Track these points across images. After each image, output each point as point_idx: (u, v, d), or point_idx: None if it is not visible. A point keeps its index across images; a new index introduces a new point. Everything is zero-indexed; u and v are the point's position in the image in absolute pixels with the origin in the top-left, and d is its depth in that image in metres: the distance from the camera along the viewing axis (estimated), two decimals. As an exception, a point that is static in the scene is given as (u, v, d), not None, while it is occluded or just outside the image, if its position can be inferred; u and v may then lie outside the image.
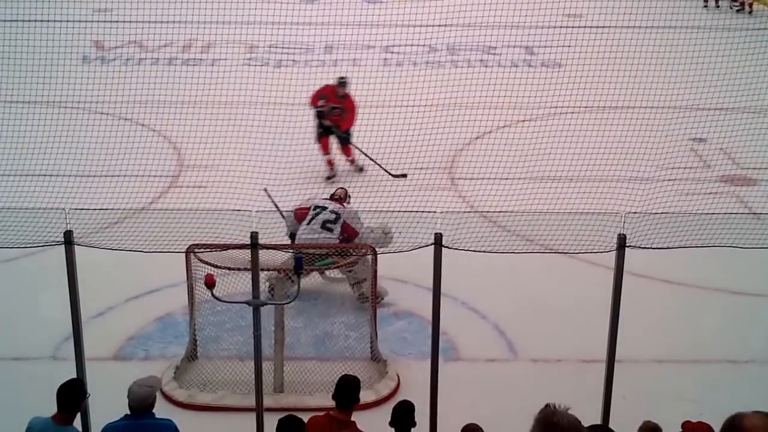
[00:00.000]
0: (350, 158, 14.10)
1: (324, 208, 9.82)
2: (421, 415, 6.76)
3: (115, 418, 6.60)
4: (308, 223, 9.73)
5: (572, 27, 20.29)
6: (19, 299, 10.02)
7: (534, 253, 10.31)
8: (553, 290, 10.15)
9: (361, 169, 13.95)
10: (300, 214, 9.88)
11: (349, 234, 9.73)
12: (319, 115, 14.05)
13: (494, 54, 19.46)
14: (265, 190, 10.39)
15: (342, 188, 10.98)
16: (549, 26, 20.54)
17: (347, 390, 6.76)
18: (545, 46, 19.48)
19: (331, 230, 9.67)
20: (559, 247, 10.15)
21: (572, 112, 15.28)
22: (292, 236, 9.86)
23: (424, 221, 11.20)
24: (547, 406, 5.85)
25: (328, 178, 13.74)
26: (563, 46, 18.53)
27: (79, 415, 6.98)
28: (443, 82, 15.48)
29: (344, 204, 10.26)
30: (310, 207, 9.90)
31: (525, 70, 18.30)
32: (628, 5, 19.74)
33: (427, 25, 19.36)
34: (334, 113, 14.03)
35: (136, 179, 12.73)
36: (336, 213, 9.80)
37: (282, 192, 10.72)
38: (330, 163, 13.97)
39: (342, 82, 14.32)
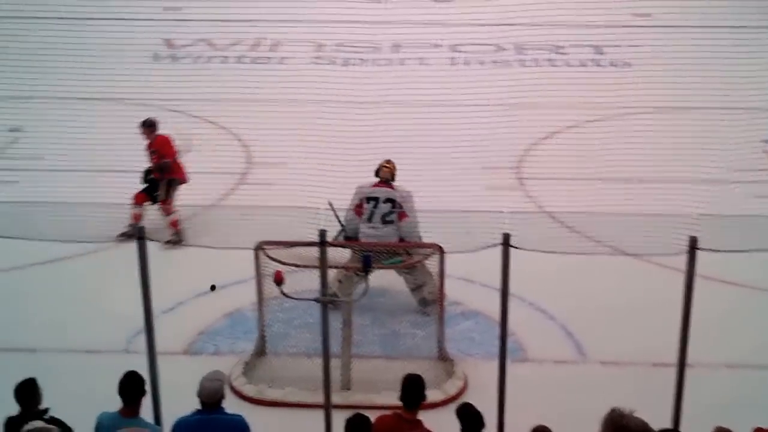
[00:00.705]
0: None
1: (377, 200, 9.70)
2: (488, 416, 6.74)
3: (185, 412, 6.69)
4: (369, 220, 9.68)
5: (642, 27, 20.12)
6: (94, 293, 10.19)
7: (603, 255, 10.26)
8: (622, 292, 10.05)
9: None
10: (358, 210, 9.82)
11: (400, 217, 9.63)
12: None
13: (562, 53, 19.29)
14: (330, 204, 10.23)
15: (387, 166, 10.02)
16: (618, 26, 20.35)
17: (413, 389, 6.77)
18: (614, 46, 19.26)
19: (392, 222, 9.64)
20: (628, 249, 10.09)
21: (642, 113, 15.09)
22: (352, 237, 9.78)
23: (492, 221, 11.20)
24: (613, 410, 5.83)
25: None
26: (633, 45, 18.34)
27: (151, 408, 7.14)
28: (510, 82, 15.44)
29: (393, 185, 9.93)
30: (362, 201, 9.79)
31: (594, 70, 18.11)
32: (699, 4, 19.48)
33: (494, 24, 19.28)
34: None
35: (205, 176, 12.86)
36: (391, 201, 9.69)
37: (348, 190, 10.70)
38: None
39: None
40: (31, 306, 10.06)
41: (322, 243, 7.49)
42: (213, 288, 9.38)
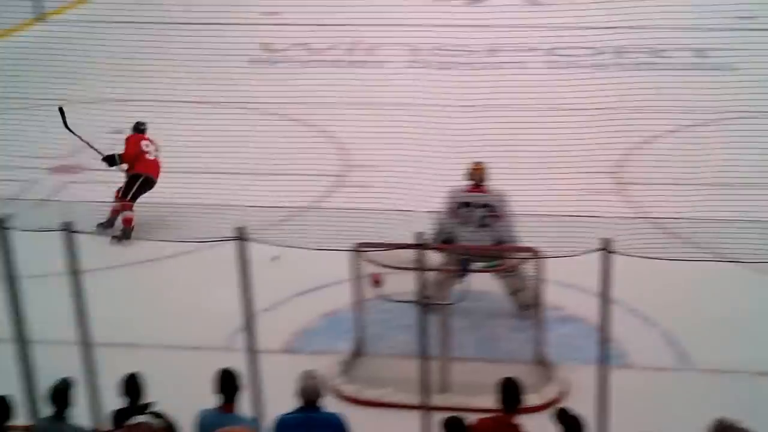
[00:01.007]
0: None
1: (471, 204, 9.59)
2: (587, 422, 6.65)
3: (286, 409, 6.77)
4: (464, 225, 9.59)
5: (746, 30, 19.66)
6: (194, 292, 10.37)
7: (706, 261, 10.04)
8: (726, 300, 9.82)
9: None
10: (454, 214, 9.69)
11: (495, 220, 9.54)
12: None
13: (663, 57, 18.96)
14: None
15: (477, 168, 9.81)
16: (721, 29, 19.93)
17: (511, 392, 6.75)
18: (717, 49, 18.86)
19: (489, 225, 9.57)
20: (733, 256, 9.84)
21: (746, 117, 14.74)
22: (448, 241, 9.66)
23: (591, 226, 11.05)
24: (720, 420, 5.69)
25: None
26: (736, 48, 17.92)
27: (252, 405, 7.23)
28: (610, 85, 15.22)
29: (485, 187, 9.77)
30: (457, 206, 9.65)
31: (695, 74, 17.74)
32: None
33: (592, 27, 19.04)
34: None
35: (304, 178, 13.00)
36: (487, 205, 9.58)
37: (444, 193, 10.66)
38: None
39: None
40: (134, 304, 10.29)
41: (420, 246, 7.49)
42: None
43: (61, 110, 12.52)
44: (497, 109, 14.92)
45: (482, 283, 9.62)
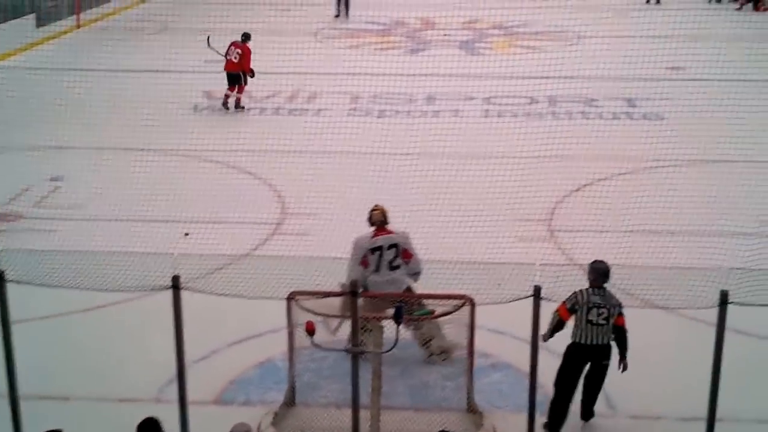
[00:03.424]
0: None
1: (381, 248, 9.59)
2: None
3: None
4: (377, 270, 9.58)
5: (674, 80, 20.22)
6: (126, 342, 10.33)
7: (634, 308, 10.25)
8: (653, 346, 10.00)
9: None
10: (365, 262, 9.60)
11: (406, 257, 9.59)
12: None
13: (595, 106, 19.41)
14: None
15: (377, 209, 9.90)
16: (651, 78, 20.47)
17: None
18: (647, 98, 19.38)
19: (399, 266, 9.59)
20: (659, 302, 10.06)
21: (674, 165, 15.12)
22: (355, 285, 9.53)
23: (523, 273, 11.22)
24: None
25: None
26: (665, 98, 18.42)
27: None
28: (543, 134, 15.55)
29: (388, 228, 9.75)
30: (367, 253, 9.61)
31: (626, 123, 18.19)
32: (731, 58, 19.56)
33: (527, 77, 19.49)
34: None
35: (241, 226, 13.05)
36: (393, 245, 9.60)
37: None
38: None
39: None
40: (66, 353, 10.20)
41: (354, 293, 7.59)
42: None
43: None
44: (434, 157, 15.19)
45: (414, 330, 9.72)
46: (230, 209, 13.42)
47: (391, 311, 7.82)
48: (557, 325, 8.66)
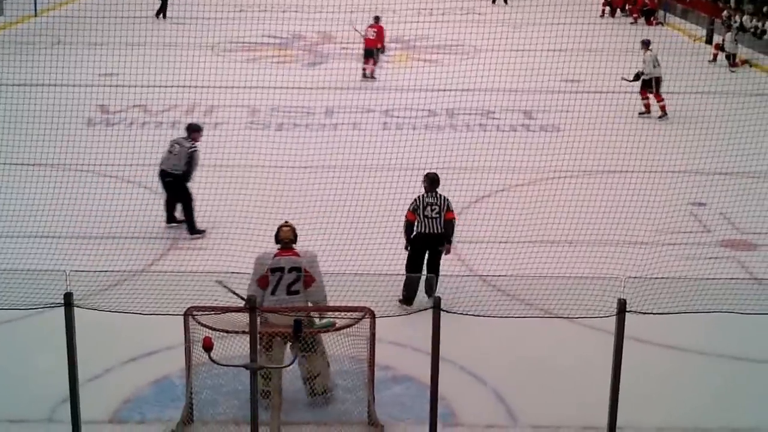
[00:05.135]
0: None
1: (282, 269, 9.13)
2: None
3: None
4: (273, 293, 9.12)
5: (571, 92, 20.56)
6: (17, 361, 9.96)
7: (534, 318, 10.31)
8: (553, 355, 10.08)
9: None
10: (263, 281, 9.15)
11: (307, 283, 9.12)
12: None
13: (493, 118, 19.61)
14: (220, 282, 9.30)
15: (286, 226, 9.44)
16: (548, 91, 20.80)
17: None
18: (544, 110, 19.66)
19: (297, 292, 9.14)
20: (559, 311, 10.15)
21: (571, 176, 15.35)
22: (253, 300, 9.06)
23: (423, 285, 11.21)
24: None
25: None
26: (562, 110, 18.71)
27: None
28: (442, 146, 15.61)
29: (296, 249, 9.30)
30: (267, 272, 9.14)
31: (524, 135, 18.41)
32: (626, 70, 20.00)
33: (426, 89, 19.60)
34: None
35: (137, 241, 12.76)
36: (295, 269, 9.12)
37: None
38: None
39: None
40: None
41: (252, 309, 7.43)
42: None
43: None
44: (333, 170, 15.13)
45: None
46: (125, 224, 13.11)
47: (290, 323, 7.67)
48: (408, 227, 11.07)
